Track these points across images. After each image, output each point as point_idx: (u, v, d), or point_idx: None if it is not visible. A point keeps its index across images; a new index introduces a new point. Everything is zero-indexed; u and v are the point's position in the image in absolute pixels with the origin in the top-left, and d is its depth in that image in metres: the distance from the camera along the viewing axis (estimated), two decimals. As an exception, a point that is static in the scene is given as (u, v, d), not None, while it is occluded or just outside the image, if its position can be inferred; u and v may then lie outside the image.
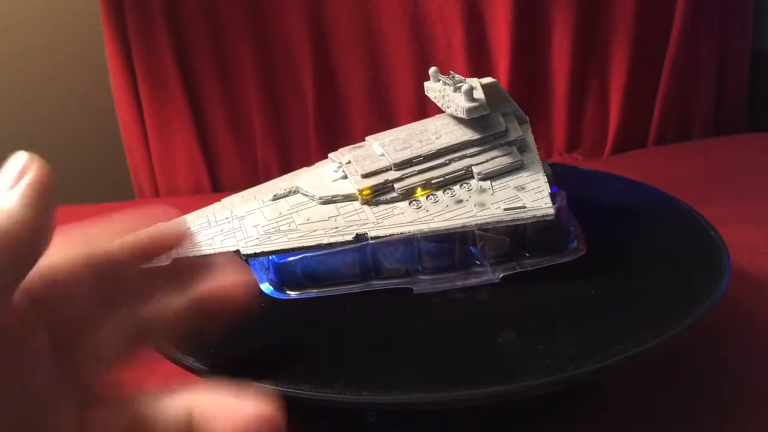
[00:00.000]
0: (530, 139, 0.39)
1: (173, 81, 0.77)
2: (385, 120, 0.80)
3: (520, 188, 0.36)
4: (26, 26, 0.84)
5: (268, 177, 0.85)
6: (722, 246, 0.37)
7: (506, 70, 0.76)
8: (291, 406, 0.36)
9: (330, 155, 0.40)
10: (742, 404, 0.34)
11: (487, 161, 0.37)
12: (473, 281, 0.35)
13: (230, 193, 0.40)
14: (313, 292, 0.36)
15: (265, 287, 0.36)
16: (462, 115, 0.38)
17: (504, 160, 0.37)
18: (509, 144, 0.38)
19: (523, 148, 0.39)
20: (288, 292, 0.36)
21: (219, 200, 0.40)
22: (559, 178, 0.40)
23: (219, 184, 0.82)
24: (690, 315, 0.30)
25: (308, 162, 0.45)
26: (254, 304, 0.28)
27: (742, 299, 0.41)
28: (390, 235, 0.35)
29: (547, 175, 0.37)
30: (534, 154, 0.39)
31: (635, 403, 0.34)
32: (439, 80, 0.40)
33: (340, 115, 0.81)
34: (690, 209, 0.42)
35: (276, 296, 0.36)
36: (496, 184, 0.37)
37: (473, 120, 0.38)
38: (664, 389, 0.35)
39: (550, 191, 0.36)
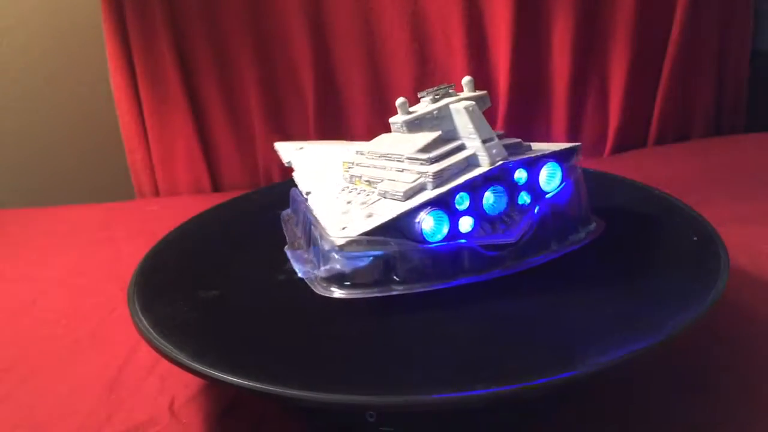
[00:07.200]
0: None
1: (173, 81, 0.77)
2: (384, 119, 0.80)
3: (369, 216, 0.35)
4: (27, 26, 0.84)
5: (268, 176, 0.85)
6: (721, 246, 0.37)
7: (506, 70, 0.76)
8: (292, 407, 0.36)
9: None
10: (741, 404, 0.34)
11: (393, 181, 0.36)
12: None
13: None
14: None
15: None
16: None
17: (400, 187, 0.35)
18: (423, 174, 0.35)
19: (439, 184, 0.35)
20: None
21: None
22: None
23: (219, 184, 0.82)
24: (689, 314, 0.30)
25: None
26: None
27: (741, 299, 0.41)
28: (306, 196, 0.40)
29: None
30: (445, 190, 0.35)
31: (635, 403, 0.34)
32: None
33: (339, 114, 0.81)
34: (689, 209, 0.42)
35: None
36: (377, 203, 0.36)
37: (432, 138, 0.37)
38: (664, 389, 0.35)
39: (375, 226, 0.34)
